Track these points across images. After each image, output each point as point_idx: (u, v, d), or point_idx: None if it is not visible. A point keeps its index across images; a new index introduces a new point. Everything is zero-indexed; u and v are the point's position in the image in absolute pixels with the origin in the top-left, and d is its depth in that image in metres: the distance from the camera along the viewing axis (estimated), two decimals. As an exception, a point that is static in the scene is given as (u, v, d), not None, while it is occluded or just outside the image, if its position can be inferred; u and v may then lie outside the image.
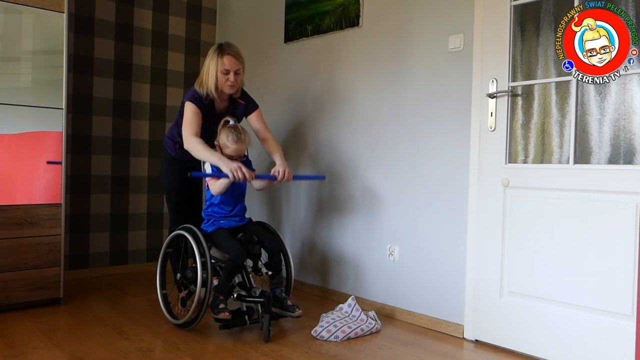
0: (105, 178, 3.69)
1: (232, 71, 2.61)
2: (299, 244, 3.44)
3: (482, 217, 2.47)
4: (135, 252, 3.85)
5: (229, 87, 2.64)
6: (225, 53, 2.61)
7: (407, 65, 2.81)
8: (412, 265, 2.78)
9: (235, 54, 2.63)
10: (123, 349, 2.26)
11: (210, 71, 2.62)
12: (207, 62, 2.65)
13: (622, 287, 2.02)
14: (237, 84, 2.66)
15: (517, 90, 2.38)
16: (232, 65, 2.61)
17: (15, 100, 2.71)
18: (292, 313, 2.45)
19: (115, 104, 3.71)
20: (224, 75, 2.61)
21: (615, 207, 2.05)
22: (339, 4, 3.17)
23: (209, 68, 2.63)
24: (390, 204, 2.89)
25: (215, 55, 2.62)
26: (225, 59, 2.60)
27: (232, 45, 2.68)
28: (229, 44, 2.68)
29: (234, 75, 2.62)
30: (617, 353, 2.03)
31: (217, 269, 2.52)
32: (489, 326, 2.44)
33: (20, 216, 2.72)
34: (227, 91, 2.66)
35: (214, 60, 2.62)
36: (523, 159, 2.37)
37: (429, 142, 2.71)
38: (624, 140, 2.06)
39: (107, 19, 3.66)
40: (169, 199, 2.93)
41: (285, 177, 2.59)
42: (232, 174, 2.40)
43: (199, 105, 2.62)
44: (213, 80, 2.62)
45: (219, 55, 2.61)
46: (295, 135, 3.48)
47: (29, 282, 2.76)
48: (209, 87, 2.63)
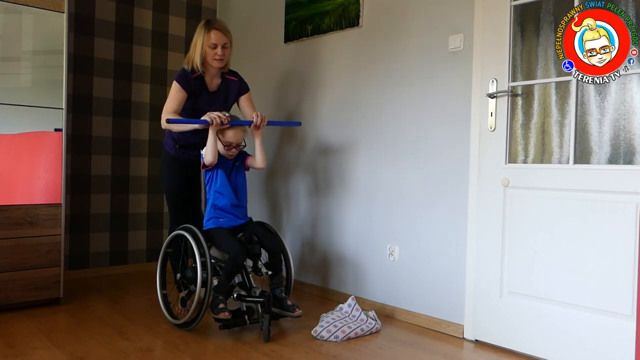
0: (105, 178, 3.69)
1: (220, 45, 2.66)
2: (299, 244, 3.44)
3: (482, 217, 2.47)
4: (135, 252, 3.85)
5: (217, 62, 2.68)
6: (213, 27, 2.67)
7: (407, 65, 2.81)
8: (412, 265, 2.78)
9: (222, 28, 2.69)
10: (123, 349, 2.26)
11: (197, 46, 2.67)
12: (195, 38, 2.70)
13: (622, 287, 2.02)
14: (225, 58, 2.71)
15: (517, 90, 2.38)
16: (219, 39, 2.66)
17: (15, 100, 2.71)
18: (292, 313, 2.45)
19: (115, 104, 3.71)
20: (212, 49, 2.66)
21: (615, 207, 2.05)
22: (339, 4, 3.17)
23: (196, 43, 2.69)
24: (390, 203, 2.89)
25: (202, 30, 2.68)
26: (213, 34, 2.65)
27: (219, 20, 2.75)
28: (217, 19, 2.78)
29: (221, 49, 2.67)
30: (617, 353, 2.03)
31: (217, 269, 2.52)
32: (489, 326, 2.44)
33: (20, 216, 2.72)
34: (215, 65, 2.70)
35: (201, 35, 2.67)
36: (523, 159, 2.37)
37: (429, 142, 2.71)
38: (624, 140, 2.06)
39: (107, 19, 3.66)
40: (169, 198, 2.93)
41: (261, 120, 2.61)
42: (210, 119, 2.45)
43: (184, 83, 2.66)
44: (199, 55, 2.66)
45: (206, 30, 2.66)
46: (295, 134, 3.48)
47: (29, 282, 2.76)
48: (194, 61, 2.68)
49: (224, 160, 2.59)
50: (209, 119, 2.46)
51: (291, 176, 3.51)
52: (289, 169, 3.52)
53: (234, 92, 2.83)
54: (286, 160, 3.54)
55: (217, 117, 2.47)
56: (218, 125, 2.48)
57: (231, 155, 2.59)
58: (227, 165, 2.61)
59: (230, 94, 2.81)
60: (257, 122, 2.60)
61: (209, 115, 2.48)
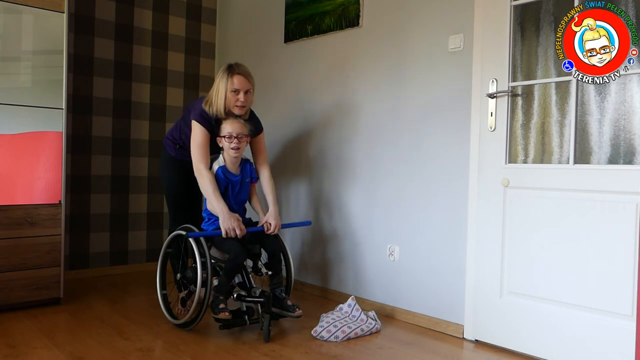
0: (105, 178, 3.69)
1: (242, 91, 2.57)
2: (299, 244, 3.44)
3: (482, 217, 2.47)
4: (135, 252, 3.85)
5: (239, 109, 2.59)
6: (235, 73, 2.57)
7: (407, 65, 2.81)
8: (412, 265, 2.78)
9: (245, 74, 2.59)
10: (123, 349, 2.26)
11: (220, 91, 2.57)
12: (217, 82, 2.60)
13: (622, 287, 2.02)
14: (247, 105, 2.62)
15: (517, 90, 2.38)
16: (242, 84, 2.56)
17: (15, 100, 2.71)
18: (292, 313, 2.45)
19: (115, 104, 3.71)
20: (234, 95, 2.56)
21: (615, 207, 2.05)
22: (339, 4, 3.17)
23: (219, 88, 2.58)
24: (390, 204, 2.89)
25: (225, 75, 2.57)
26: (235, 79, 2.55)
27: (241, 65, 2.63)
28: (239, 64, 2.64)
29: (243, 95, 2.57)
30: (617, 353, 2.03)
31: (217, 269, 2.52)
32: (489, 326, 2.44)
33: (20, 216, 2.72)
34: (237, 112, 2.59)
35: (223, 80, 2.57)
36: (523, 159, 2.37)
37: (428, 142, 2.71)
38: (624, 140, 2.06)
39: (107, 19, 3.66)
40: (169, 198, 2.93)
41: (274, 230, 2.60)
42: (225, 232, 2.43)
43: (207, 126, 2.58)
44: (222, 101, 2.57)
45: (229, 75, 2.56)
46: (295, 134, 3.48)
47: (29, 282, 2.76)
48: (218, 107, 2.58)
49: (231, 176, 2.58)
50: (224, 233, 2.43)
51: (291, 176, 3.51)
52: (288, 169, 3.53)
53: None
54: (286, 161, 3.54)
55: (232, 232, 2.43)
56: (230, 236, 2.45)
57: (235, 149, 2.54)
58: (235, 181, 2.60)
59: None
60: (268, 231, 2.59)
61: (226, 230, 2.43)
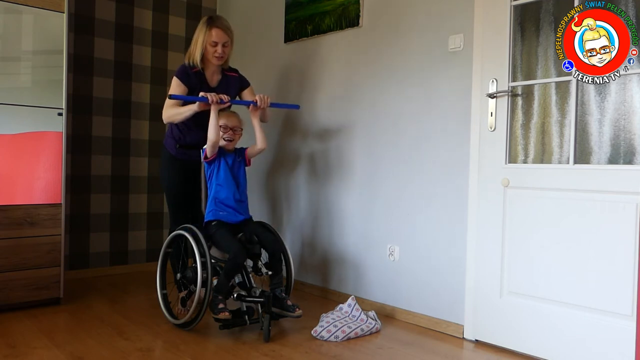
0: (105, 178, 3.69)
1: (220, 43, 2.70)
2: (299, 244, 3.44)
3: (482, 217, 2.47)
4: (135, 252, 3.85)
5: (216, 59, 2.73)
6: (215, 25, 2.70)
7: (407, 65, 2.81)
8: (412, 265, 2.78)
9: (224, 27, 2.72)
10: (123, 349, 2.26)
11: (198, 42, 2.72)
12: (196, 34, 2.74)
13: (622, 287, 2.02)
14: (225, 56, 2.75)
15: (517, 90, 2.38)
16: (220, 37, 2.70)
17: (15, 100, 2.71)
18: (292, 313, 2.45)
19: (115, 104, 3.71)
20: (212, 47, 2.70)
21: (615, 207, 2.05)
22: (339, 4, 3.17)
23: (197, 39, 2.73)
24: (390, 204, 2.89)
25: (204, 27, 2.71)
26: (214, 32, 2.69)
27: (221, 18, 2.78)
28: (219, 16, 2.79)
29: (221, 48, 2.71)
30: (617, 353, 2.03)
31: (217, 269, 2.52)
32: (489, 326, 2.44)
33: (20, 216, 2.72)
34: (215, 62, 2.74)
35: (202, 32, 2.71)
36: (523, 159, 2.37)
37: (428, 142, 2.71)
38: (624, 140, 2.06)
39: (107, 19, 3.66)
40: (169, 198, 2.93)
41: (265, 101, 2.67)
42: (211, 99, 2.49)
43: (183, 78, 2.69)
44: (199, 51, 2.70)
45: (207, 27, 2.70)
46: (294, 134, 3.48)
47: (29, 282, 2.76)
48: (194, 57, 2.72)
49: (225, 153, 2.62)
50: (208, 96, 2.49)
51: (291, 176, 3.51)
52: (288, 169, 3.52)
53: (235, 87, 2.87)
54: (286, 161, 3.54)
55: (215, 94, 2.51)
56: (218, 103, 2.51)
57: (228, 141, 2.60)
58: (228, 157, 2.63)
59: (230, 89, 2.83)
60: (260, 105, 2.66)
61: (210, 94, 2.51)
